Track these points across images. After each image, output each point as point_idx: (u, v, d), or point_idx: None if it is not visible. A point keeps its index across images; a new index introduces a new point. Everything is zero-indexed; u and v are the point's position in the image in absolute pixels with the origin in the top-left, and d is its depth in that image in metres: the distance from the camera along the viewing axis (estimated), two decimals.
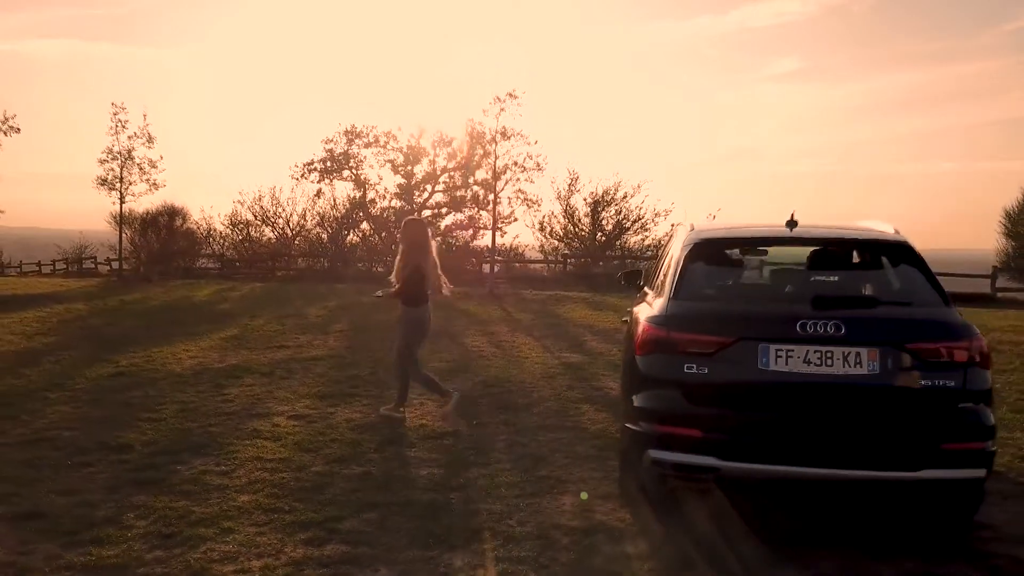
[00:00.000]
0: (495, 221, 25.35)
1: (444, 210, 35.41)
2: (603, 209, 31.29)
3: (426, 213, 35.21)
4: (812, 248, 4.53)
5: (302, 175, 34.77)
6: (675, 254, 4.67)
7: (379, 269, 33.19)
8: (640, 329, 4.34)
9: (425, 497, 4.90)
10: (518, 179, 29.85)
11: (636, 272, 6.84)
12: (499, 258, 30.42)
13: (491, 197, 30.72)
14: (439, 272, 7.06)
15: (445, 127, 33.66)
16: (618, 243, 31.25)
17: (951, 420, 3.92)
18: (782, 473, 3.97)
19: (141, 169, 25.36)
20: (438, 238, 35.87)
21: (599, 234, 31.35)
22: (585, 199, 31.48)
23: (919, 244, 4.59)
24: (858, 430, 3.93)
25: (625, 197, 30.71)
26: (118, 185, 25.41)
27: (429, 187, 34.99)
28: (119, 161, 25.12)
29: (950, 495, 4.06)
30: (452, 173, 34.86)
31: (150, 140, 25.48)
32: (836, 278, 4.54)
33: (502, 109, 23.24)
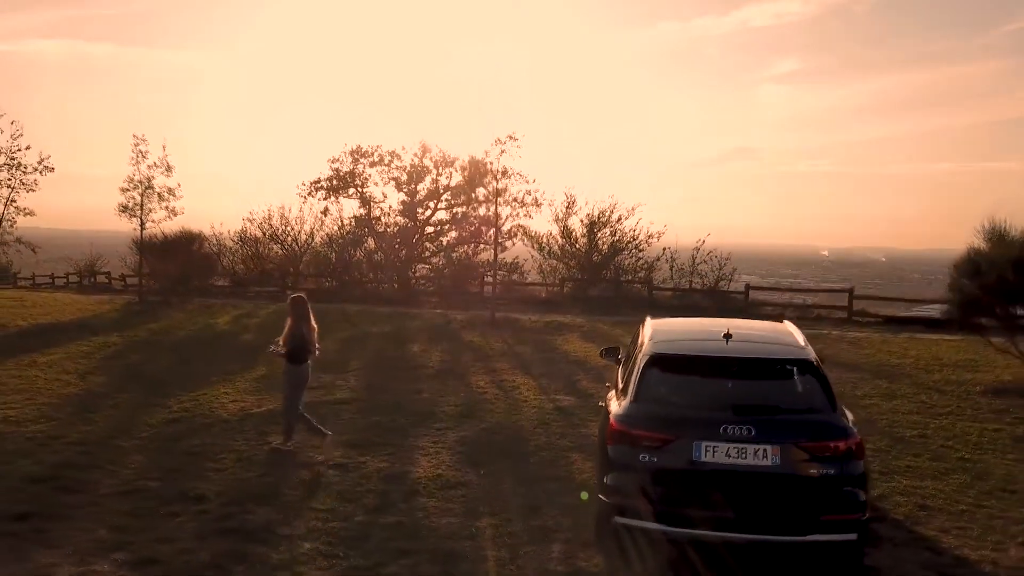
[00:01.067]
0: (496, 253, 26.68)
1: (446, 227, 36.80)
2: (599, 230, 32.64)
3: (429, 229, 36.66)
4: (740, 362, 5.94)
5: (309, 193, 36.31)
6: (637, 360, 6.11)
7: (384, 287, 34.57)
8: (609, 423, 5.79)
9: (446, 545, 6.34)
10: (517, 214, 31.44)
11: (615, 348, 8.30)
12: (501, 272, 31.71)
13: (493, 212, 32.52)
14: (315, 336, 9.30)
15: (447, 144, 35.11)
16: (613, 263, 32.56)
17: (831, 498, 5.36)
18: (710, 537, 5.43)
19: (160, 197, 26.76)
20: (441, 254, 37.35)
21: (595, 254, 32.69)
22: (582, 220, 32.87)
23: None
24: (763, 505, 5.37)
25: (620, 220, 32.08)
26: (139, 212, 26.79)
27: (432, 204, 36.40)
28: (139, 190, 26.51)
29: (833, 552, 5.48)
30: (454, 192, 36.29)
31: (168, 169, 26.86)
32: (756, 385, 5.95)
33: (503, 151, 24.64)
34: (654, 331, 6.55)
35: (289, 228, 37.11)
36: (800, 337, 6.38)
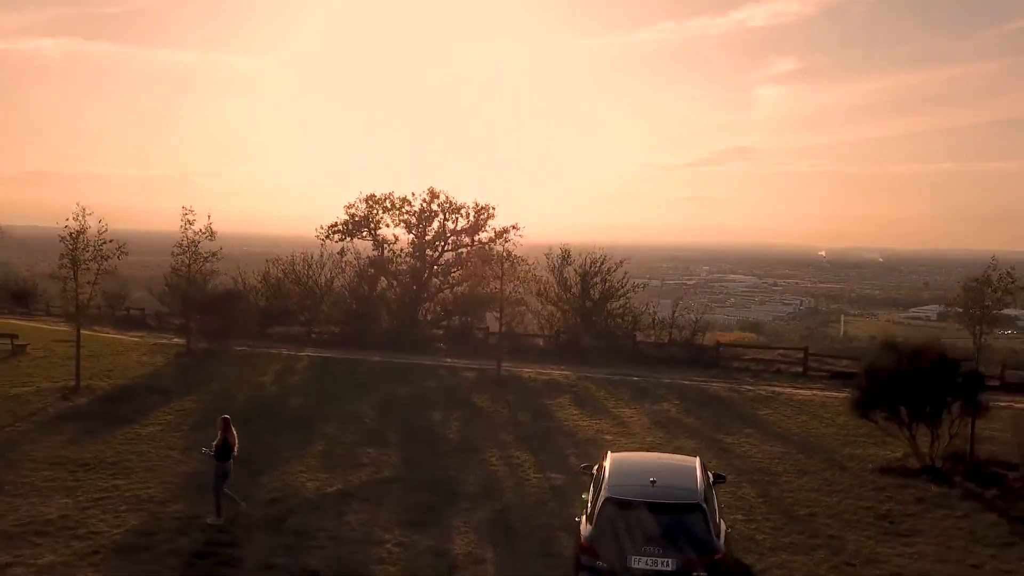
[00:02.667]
0: (502, 312, 30.33)
1: (453, 269, 40.64)
2: (591, 279, 36.53)
3: (436, 268, 40.48)
4: (657, 504, 9.74)
5: (327, 236, 40.38)
6: (599, 496, 9.95)
7: (396, 328, 38.18)
8: (580, 541, 9.67)
9: None
10: (519, 290, 35.40)
11: (590, 466, 12.13)
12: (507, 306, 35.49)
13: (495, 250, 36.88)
14: (235, 441, 13.32)
15: (452, 189, 39.07)
16: (604, 309, 36.37)
17: None
18: None
19: (205, 259, 30.66)
20: (446, 291, 41.08)
21: (587, 301, 36.55)
22: (576, 270, 36.78)
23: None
24: None
25: (610, 271, 36.00)
26: (186, 272, 30.70)
27: (440, 245, 40.31)
28: (187, 254, 30.38)
29: None
30: (460, 235, 40.24)
31: (212, 235, 30.73)
32: (666, 518, 9.70)
33: (506, 239, 28.43)
34: (611, 472, 10.40)
35: (311, 272, 41.01)
36: (699, 480, 10.24)
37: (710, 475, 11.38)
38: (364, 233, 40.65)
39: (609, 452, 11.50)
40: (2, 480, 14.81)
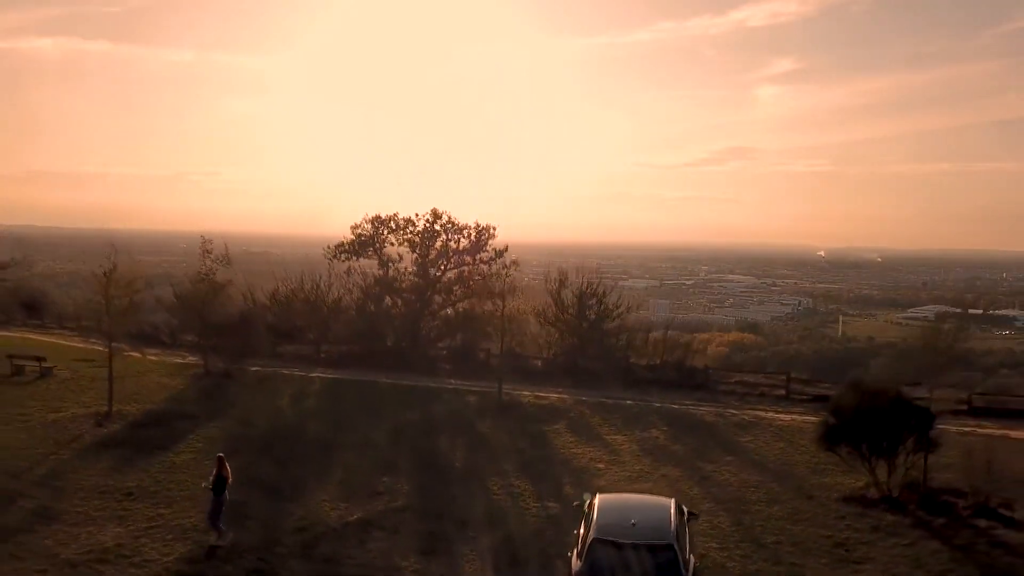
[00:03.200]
0: (502, 336, 32.12)
1: (456, 287, 42.47)
2: (587, 301, 38.39)
3: (439, 286, 42.28)
4: (634, 544, 11.55)
5: (334, 256, 42.32)
6: (588, 535, 11.77)
7: (403, 345, 39.98)
8: (571, 573, 11.49)
9: None
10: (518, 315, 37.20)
11: (582, 503, 13.96)
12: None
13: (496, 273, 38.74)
14: (229, 475, 15.39)
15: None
16: (600, 329, 38.22)
17: None
18: None
19: (223, 287, 32.57)
20: (448, 308, 42.94)
21: (584, 322, 38.42)
22: (573, 291, 38.64)
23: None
24: None
25: (605, 294, 37.88)
26: (203, 297, 32.58)
27: (442, 264, 42.15)
28: (206, 283, 32.25)
29: None
30: (462, 255, 42.10)
31: (229, 262, 32.63)
32: (643, 554, 11.52)
33: (508, 273, 30.30)
34: (598, 513, 12.24)
35: (319, 291, 42.78)
36: (673, 521, 12.08)
37: (685, 512, 13.24)
38: (370, 252, 42.52)
39: (597, 494, 13.34)
40: (59, 509, 16.60)
